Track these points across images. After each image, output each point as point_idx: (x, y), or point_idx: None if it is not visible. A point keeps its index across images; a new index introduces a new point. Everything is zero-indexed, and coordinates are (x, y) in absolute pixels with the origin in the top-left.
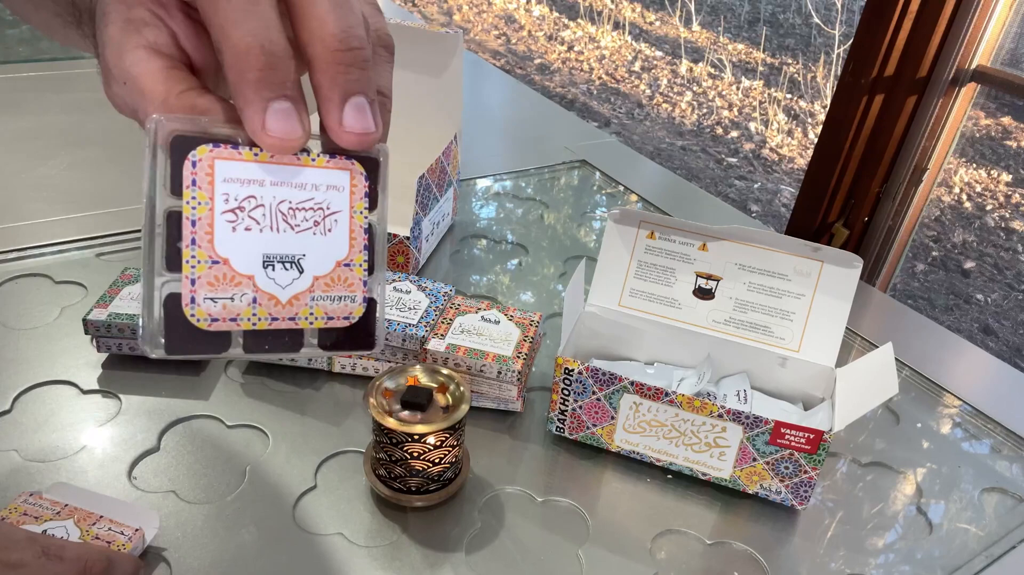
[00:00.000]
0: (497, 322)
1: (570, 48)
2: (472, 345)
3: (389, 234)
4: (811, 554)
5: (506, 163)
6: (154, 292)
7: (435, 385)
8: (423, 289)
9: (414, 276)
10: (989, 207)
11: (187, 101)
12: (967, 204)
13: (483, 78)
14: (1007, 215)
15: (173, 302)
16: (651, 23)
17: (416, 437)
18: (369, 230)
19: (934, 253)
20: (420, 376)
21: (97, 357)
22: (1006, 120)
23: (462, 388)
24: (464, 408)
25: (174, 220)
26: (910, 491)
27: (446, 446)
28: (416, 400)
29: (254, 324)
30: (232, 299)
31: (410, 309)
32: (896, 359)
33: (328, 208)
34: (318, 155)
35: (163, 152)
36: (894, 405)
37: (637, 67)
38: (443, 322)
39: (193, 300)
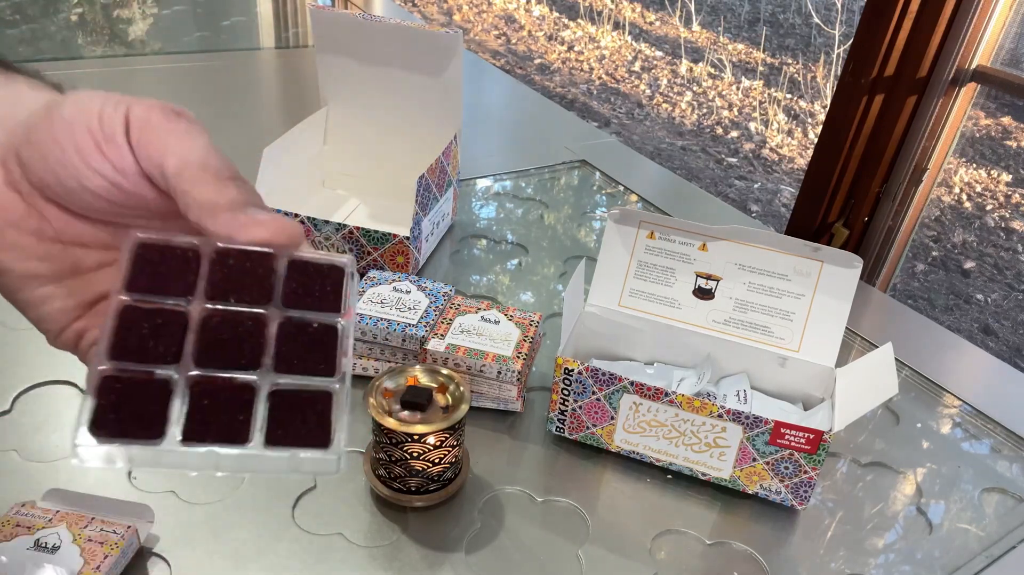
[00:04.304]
0: (497, 322)
1: (570, 48)
2: (472, 345)
3: (389, 234)
4: (811, 554)
5: (506, 163)
6: None
7: (435, 385)
8: (423, 289)
9: (414, 276)
10: (989, 207)
11: None
12: (967, 204)
13: (483, 78)
14: (1007, 215)
15: None
16: (651, 23)
17: (416, 437)
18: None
19: (934, 253)
20: (420, 376)
21: None
22: (1006, 120)
23: (462, 388)
24: (464, 408)
25: None
26: (910, 491)
27: (446, 446)
28: (416, 400)
29: None
30: None
31: (410, 309)
32: (896, 359)
33: None
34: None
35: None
36: (894, 405)
37: (637, 67)
38: (443, 322)
39: None
